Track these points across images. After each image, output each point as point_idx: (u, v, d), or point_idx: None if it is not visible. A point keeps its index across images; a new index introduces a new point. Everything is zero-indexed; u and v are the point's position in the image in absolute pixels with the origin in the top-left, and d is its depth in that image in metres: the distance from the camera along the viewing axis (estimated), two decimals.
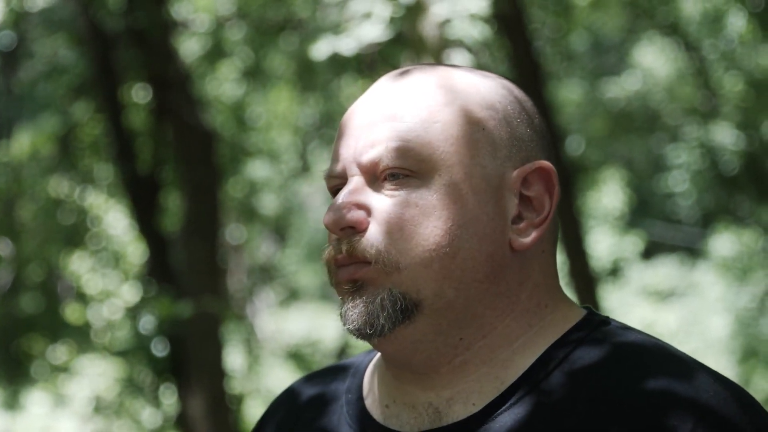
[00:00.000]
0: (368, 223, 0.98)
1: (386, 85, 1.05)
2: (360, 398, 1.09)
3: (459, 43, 3.68)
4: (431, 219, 0.97)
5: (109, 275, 7.99)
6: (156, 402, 7.12)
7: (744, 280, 13.00)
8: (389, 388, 1.05)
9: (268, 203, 12.56)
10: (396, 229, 0.97)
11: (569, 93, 14.17)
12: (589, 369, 0.97)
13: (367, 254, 0.97)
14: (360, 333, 0.98)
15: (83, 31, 6.93)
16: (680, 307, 14.41)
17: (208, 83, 8.60)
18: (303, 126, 12.73)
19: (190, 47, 7.48)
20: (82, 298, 8.28)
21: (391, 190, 0.98)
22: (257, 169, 11.07)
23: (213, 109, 8.37)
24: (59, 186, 9.08)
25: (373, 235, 0.98)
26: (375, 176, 1.00)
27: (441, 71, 1.05)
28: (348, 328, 0.99)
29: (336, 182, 1.03)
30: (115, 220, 8.47)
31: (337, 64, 6.57)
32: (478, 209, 0.98)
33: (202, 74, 8.24)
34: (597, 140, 15.41)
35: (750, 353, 12.14)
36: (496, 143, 1.01)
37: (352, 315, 0.98)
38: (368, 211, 0.99)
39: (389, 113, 1.00)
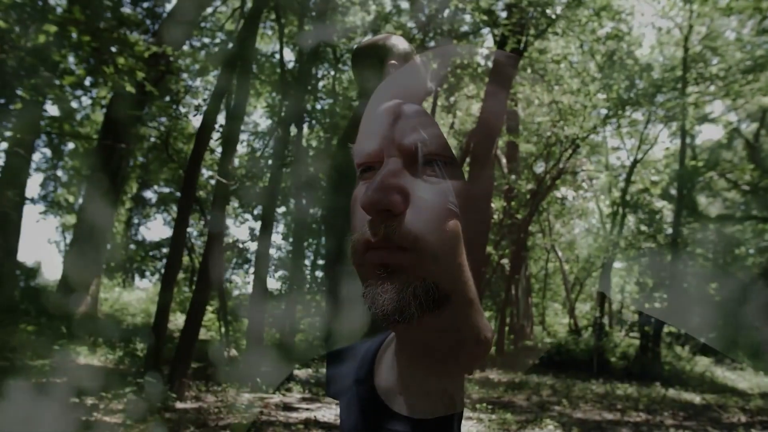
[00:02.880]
0: (405, 208, 0.95)
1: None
2: (369, 382, 1.08)
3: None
4: (469, 211, 0.94)
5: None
6: (142, 391, 7.12)
7: (726, 270, 13.06)
8: (403, 376, 1.03)
9: (253, 192, 12.51)
10: (436, 218, 0.94)
11: None
12: None
13: (405, 241, 0.94)
14: (388, 318, 0.96)
15: (70, 21, 6.90)
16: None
17: (195, 73, 8.58)
18: (287, 116, 12.68)
19: (176, 37, 7.46)
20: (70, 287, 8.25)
21: (432, 176, 0.96)
22: (245, 158, 11.04)
23: (200, 98, 8.36)
24: None
25: (412, 221, 0.95)
26: (414, 160, 0.97)
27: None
28: (375, 312, 0.96)
29: (367, 159, 1.01)
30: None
31: (319, 55, 6.57)
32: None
33: (188, 64, 8.23)
34: None
35: (731, 344, 12.19)
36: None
37: (381, 300, 0.96)
38: (406, 195, 0.96)
39: None
